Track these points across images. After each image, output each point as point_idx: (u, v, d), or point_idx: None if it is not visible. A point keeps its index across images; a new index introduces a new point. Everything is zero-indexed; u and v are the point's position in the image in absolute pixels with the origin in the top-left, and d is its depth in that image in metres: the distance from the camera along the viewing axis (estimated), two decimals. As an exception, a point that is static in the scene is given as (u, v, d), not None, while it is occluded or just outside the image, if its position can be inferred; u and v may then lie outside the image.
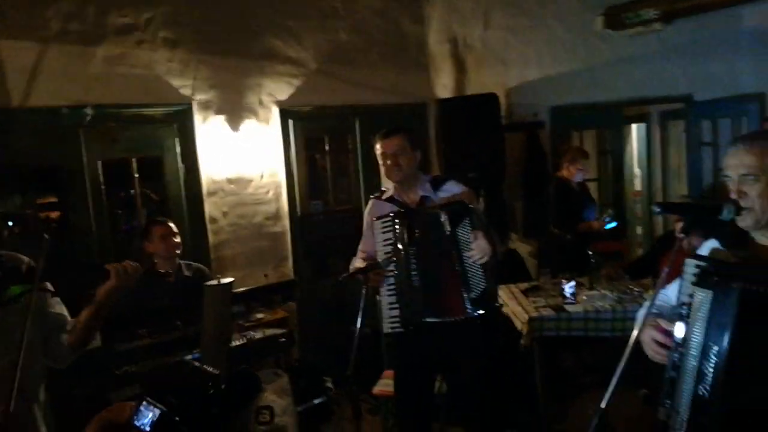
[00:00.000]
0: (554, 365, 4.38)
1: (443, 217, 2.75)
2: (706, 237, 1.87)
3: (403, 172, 2.88)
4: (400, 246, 2.79)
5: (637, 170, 7.04)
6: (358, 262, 3.00)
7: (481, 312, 2.79)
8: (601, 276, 4.17)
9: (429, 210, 2.84)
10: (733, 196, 1.72)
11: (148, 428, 1.13)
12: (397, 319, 2.85)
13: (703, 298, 1.61)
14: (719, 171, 5.75)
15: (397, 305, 2.85)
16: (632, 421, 3.84)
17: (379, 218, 2.90)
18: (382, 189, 3.17)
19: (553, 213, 4.81)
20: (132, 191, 4.55)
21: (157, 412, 1.13)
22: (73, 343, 2.14)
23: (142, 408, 1.14)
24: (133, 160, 4.39)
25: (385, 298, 2.87)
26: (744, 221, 1.71)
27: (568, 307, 3.81)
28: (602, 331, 3.78)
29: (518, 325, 3.88)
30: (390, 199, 2.97)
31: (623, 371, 1.66)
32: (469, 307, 2.76)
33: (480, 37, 5.45)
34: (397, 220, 2.81)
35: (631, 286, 3.99)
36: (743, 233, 1.77)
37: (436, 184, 2.96)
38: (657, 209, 1.92)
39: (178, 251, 3.57)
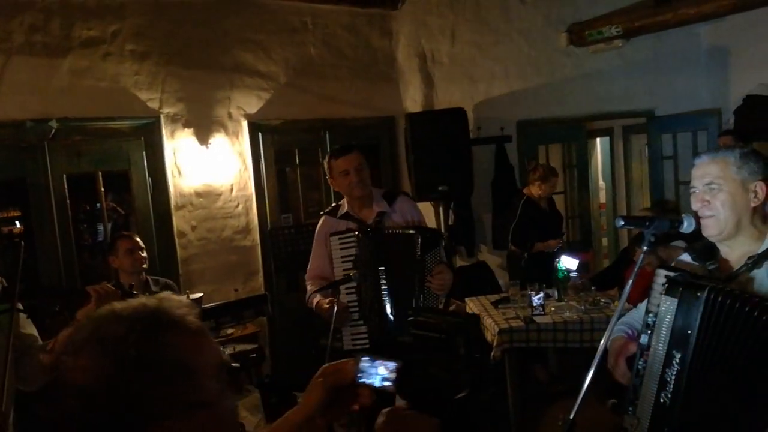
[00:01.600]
0: (525, 376, 4.42)
1: (418, 241, 2.77)
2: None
3: (366, 187, 2.91)
4: (366, 263, 2.78)
5: (601, 183, 7.19)
6: (317, 299, 2.89)
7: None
8: (568, 287, 4.24)
9: (403, 231, 2.85)
10: (696, 206, 1.78)
11: (384, 383, 1.05)
12: (362, 336, 2.83)
13: (668, 306, 1.66)
14: (680, 184, 5.95)
15: (360, 322, 2.83)
16: (601, 430, 3.90)
17: (335, 234, 2.90)
18: (333, 206, 3.15)
19: (514, 229, 4.80)
20: (98, 205, 4.48)
21: (391, 365, 1.06)
22: (48, 364, 2.09)
23: (364, 364, 1.06)
24: (99, 173, 4.32)
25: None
26: (708, 230, 1.77)
27: (537, 319, 3.86)
28: (571, 342, 3.84)
29: (488, 337, 3.92)
30: (345, 216, 2.97)
31: (591, 381, 1.69)
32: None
33: (448, 53, 5.53)
34: (364, 238, 2.81)
35: (597, 297, 4.06)
36: (713, 249, 1.82)
37: (390, 199, 3.00)
38: (620, 222, 1.98)
39: (144, 266, 3.52)
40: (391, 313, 2.78)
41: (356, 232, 2.86)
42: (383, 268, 2.79)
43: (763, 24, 5.08)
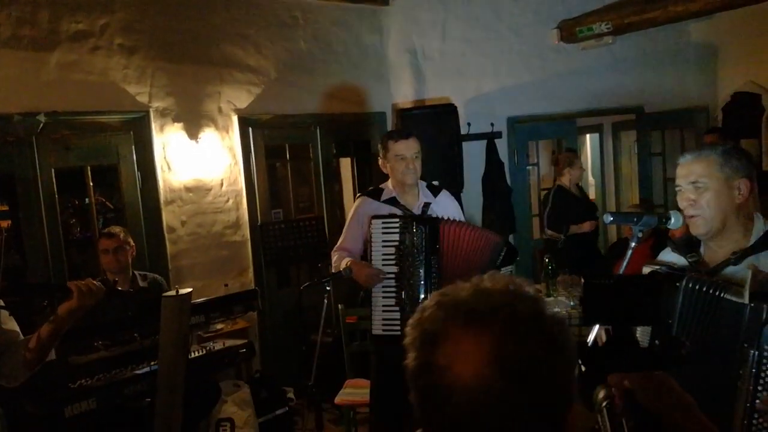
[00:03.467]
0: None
1: (503, 251, 2.84)
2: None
3: (417, 176, 2.92)
4: (415, 251, 2.77)
5: (591, 179, 7.23)
6: (345, 261, 2.94)
7: None
8: (557, 283, 4.27)
9: (484, 232, 2.90)
10: (683, 204, 1.81)
11: None
12: (395, 323, 2.82)
13: None
14: (668, 180, 5.99)
15: (396, 308, 2.83)
16: (588, 423, 3.94)
17: (378, 217, 2.87)
18: (372, 188, 3.14)
19: (548, 215, 5.03)
20: (86, 200, 4.45)
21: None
22: (30, 360, 2.08)
23: None
24: (88, 168, 4.29)
25: (380, 299, 2.85)
26: (695, 229, 1.79)
27: (526, 314, 3.88)
28: (559, 337, 3.86)
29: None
30: (390, 201, 2.96)
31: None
32: None
33: (438, 49, 5.54)
34: (419, 225, 2.79)
35: (586, 292, 4.09)
36: (692, 242, 1.85)
37: (433, 192, 3.04)
38: (609, 218, 2.00)
39: (120, 268, 3.46)
40: None
41: (406, 219, 2.83)
42: (436, 257, 2.76)
43: (750, 21, 5.13)
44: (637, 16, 5.09)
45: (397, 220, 2.83)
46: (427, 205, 2.94)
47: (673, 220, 1.83)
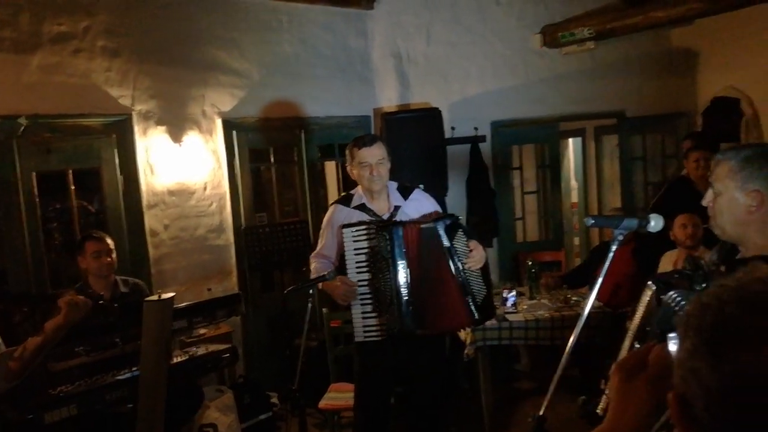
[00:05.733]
0: (497, 373, 4.47)
1: (441, 231, 2.79)
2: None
3: (383, 181, 2.92)
4: (383, 257, 2.78)
5: (574, 183, 7.29)
6: (320, 267, 2.97)
7: (489, 315, 2.92)
8: (540, 286, 4.30)
9: (423, 223, 2.85)
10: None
11: None
12: (374, 329, 2.84)
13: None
14: (649, 184, 6.06)
15: (373, 314, 2.84)
16: (571, 426, 3.96)
17: (347, 226, 2.89)
18: (345, 194, 3.16)
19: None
20: (68, 204, 4.41)
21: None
22: (14, 371, 2.06)
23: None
24: (70, 171, 4.25)
25: (358, 307, 2.87)
26: (714, 230, 1.75)
27: (510, 317, 3.91)
28: (542, 340, 3.89)
29: (462, 335, 3.95)
30: (360, 207, 2.97)
31: (563, 378, 1.72)
32: (476, 313, 2.81)
33: (423, 52, 5.56)
34: (382, 232, 2.80)
35: (569, 295, 4.13)
36: (733, 248, 1.75)
37: (405, 192, 3.02)
38: (590, 221, 2.02)
39: (110, 270, 3.45)
40: (411, 307, 2.78)
41: (372, 226, 2.84)
42: (404, 261, 2.77)
43: (730, 28, 5.21)
44: (618, 21, 5.15)
45: (365, 227, 2.85)
46: (396, 208, 2.95)
47: (652, 223, 1.85)
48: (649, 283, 1.75)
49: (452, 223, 2.84)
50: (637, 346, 1.69)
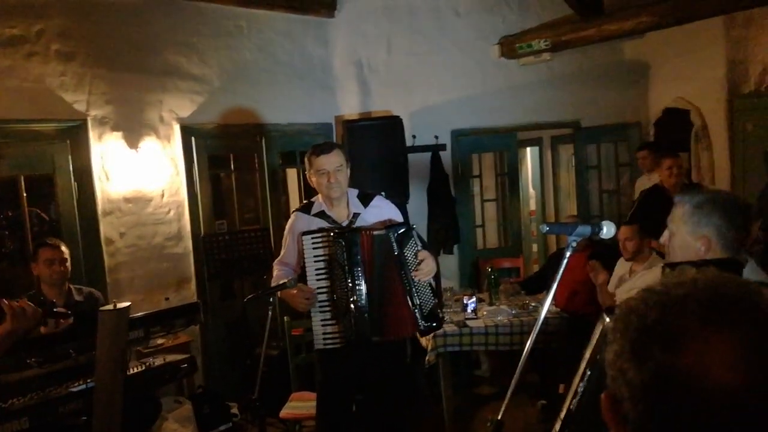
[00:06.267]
0: (458, 379, 4.51)
1: (392, 239, 2.81)
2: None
3: (341, 189, 2.92)
4: (340, 264, 2.80)
5: (531, 191, 7.43)
6: (281, 275, 2.97)
7: (433, 326, 2.92)
8: (499, 292, 4.37)
9: (376, 230, 2.87)
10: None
11: None
12: (333, 336, 2.85)
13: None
14: (604, 192, 6.23)
15: (332, 322, 2.85)
16: (530, 431, 4.03)
17: (307, 233, 2.89)
18: (306, 202, 3.16)
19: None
20: (20, 211, 4.28)
21: None
22: None
23: None
24: (22, 178, 4.13)
25: (317, 315, 2.87)
26: None
27: (470, 323, 3.96)
28: (502, 345, 3.95)
29: (423, 342, 3.98)
30: (320, 215, 2.98)
31: (522, 383, 1.75)
32: (421, 323, 2.83)
33: (384, 61, 5.60)
34: (338, 239, 2.81)
35: (527, 301, 4.20)
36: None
37: (365, 200, 3.03)
38: (545, 228, 2.07)
39: (64, 278, 3.39)
40: (366, 314, 2.79)
41: (329, 233, 2.85)
42: (360, 268, 2.79)
43: (679, 41, 5.40)
44: (573, 33, 5.30)
45: (323, 235, 2.87)
46: (356, 215, 2.97)
47: (605, 230, 1.91)
48: (602, 313, 1.81)
49: (404, 231, 2.87)
50: (588, 373, 1.71)
